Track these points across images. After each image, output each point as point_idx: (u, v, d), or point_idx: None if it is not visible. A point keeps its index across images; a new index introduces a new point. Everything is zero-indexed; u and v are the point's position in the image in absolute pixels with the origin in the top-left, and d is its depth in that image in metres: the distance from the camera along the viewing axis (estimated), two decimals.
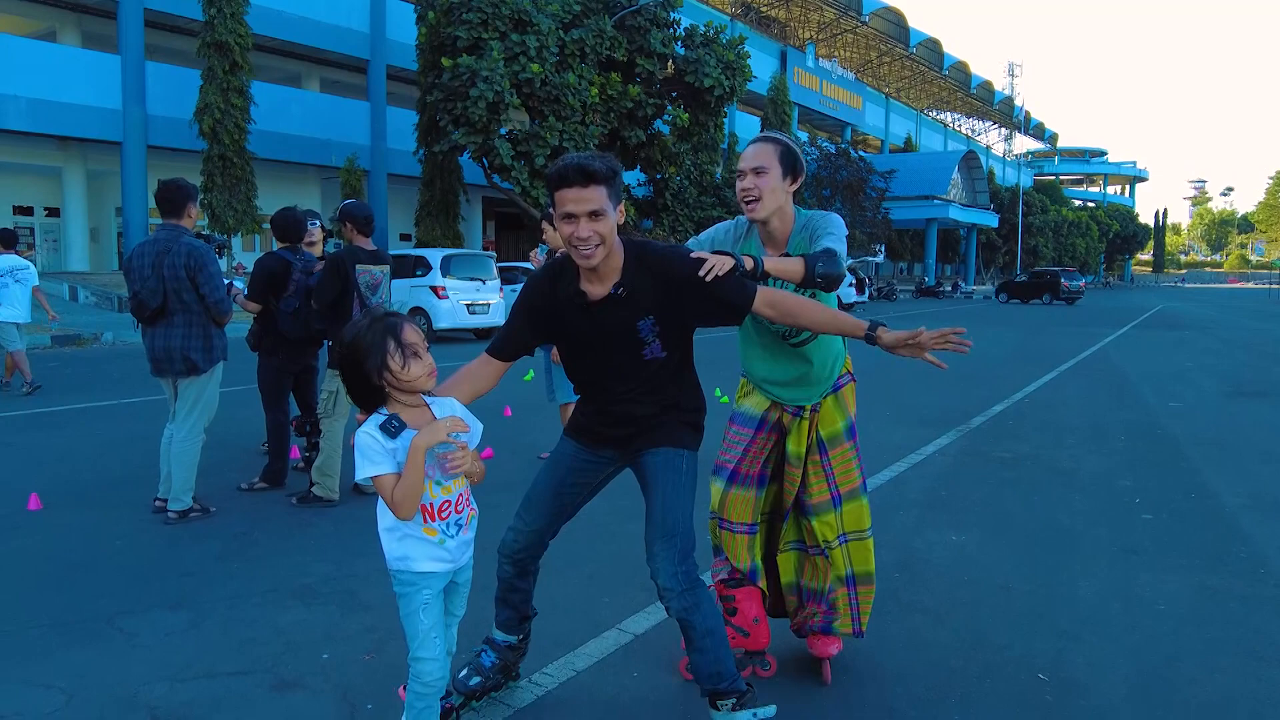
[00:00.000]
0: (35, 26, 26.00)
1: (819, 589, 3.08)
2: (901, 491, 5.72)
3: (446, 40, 23.08)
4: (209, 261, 4.79)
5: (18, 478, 5.77)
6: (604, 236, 2.41)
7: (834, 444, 3.04)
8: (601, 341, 2.57)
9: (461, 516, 2.34)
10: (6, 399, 9.14)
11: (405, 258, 17.30)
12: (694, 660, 2.53)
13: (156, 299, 4.77)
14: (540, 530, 2.79)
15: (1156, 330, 22.59)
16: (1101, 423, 8.45)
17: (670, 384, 2.65)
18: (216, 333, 4.94)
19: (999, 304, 40.90)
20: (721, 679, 2.51)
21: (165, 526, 4.78)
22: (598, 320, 2.55)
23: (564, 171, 2.38)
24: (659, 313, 2.53)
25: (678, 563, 2.49)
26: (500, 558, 2.83)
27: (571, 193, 2.37)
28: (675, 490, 2.58)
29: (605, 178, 2.38)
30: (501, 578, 2.85)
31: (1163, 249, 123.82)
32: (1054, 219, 69.69)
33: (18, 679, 3.01)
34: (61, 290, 21.82)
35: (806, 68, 50.80)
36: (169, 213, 4.85)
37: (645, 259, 2.54)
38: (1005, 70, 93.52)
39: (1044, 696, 2.99)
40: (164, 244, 4.76)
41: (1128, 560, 4.42)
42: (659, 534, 2.52)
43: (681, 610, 2.49)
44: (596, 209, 2.37)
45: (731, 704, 2.51)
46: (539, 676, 3.06)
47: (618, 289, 2.50)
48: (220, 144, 22.11)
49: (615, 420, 2.67)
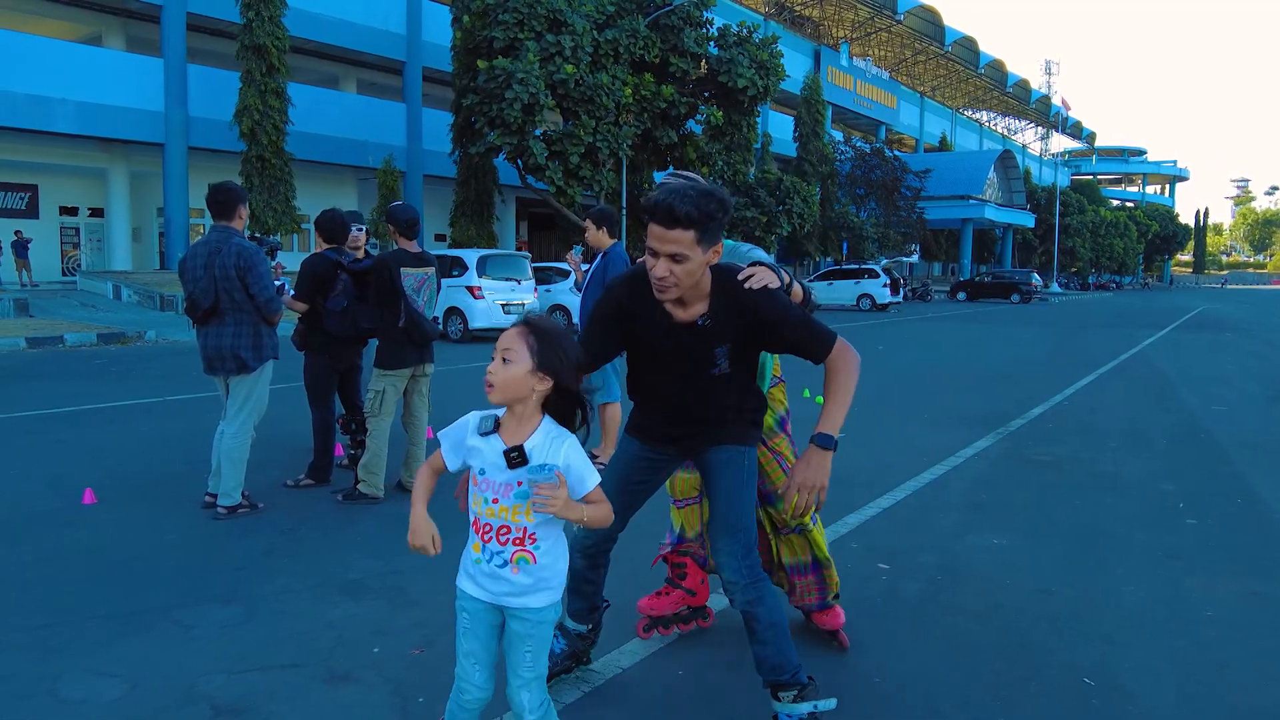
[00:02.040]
0: (82, 31, 26.57)
1: (804, 562, 3.32)
2: (941, 494, 5.70)
3: (482, 42, 23.27)
4: (258, 262, 4.89)
5: (72, 473, 5.92)
6: (680, 279, 2.40)
7: (770, 435, 3.25)
8: (674, 357, 2.61)
9: (505, 552, 2.11)
10: (56, 394, 9.37)
11: (442, 258, 17.44)
12: (757, 652, 2.62)
13: (208, 299, 4.88)
14: (611, 526, 2.85)
15: (1197, 332, 22.23)
16: (1142, 426, 8.35)
17: (733, 393, 2.69)
18: (266, 332, 5.03)
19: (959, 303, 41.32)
20: (784, 670, 2.60)
21: (215, 521, 4.88)
22: (676, 340, 2.57)
23: (654, 209, 2.36)
24: (735, 341, 2.56)
25: (741, 557, 2.58)
26: (572, 551, 2.88)
27: (657, 230, 2.36)
28: (738, 487, 2.65)
29: (693, 222, 2.32)
30: (573, 570, 2.88)
31: (1203, 249, 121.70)
32: (1091, 219, 68.74)
33: (83, 667, 3.11)
34: (105, 289, 22.27)
35: (840, 67, 50.54)
36: (220, 215, 4.95)
37: (732, 291, 2.53)
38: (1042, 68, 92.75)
39: (1090, 701, 2.98)
40: (215, 245, 4.87)
41: (1172, 565, 4.38)
42: (723, 529, 2.60)
43: (746, 603, 2.59)
44: (677, 253, 2.35)
45: (793, 695, 2.60)
46: (583, 672, 3.11)
47: (704, 320, 2.53)
48: (259, 145, 22.48)
49: (677, 423, 2.72)
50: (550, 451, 2.09)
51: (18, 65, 21.46)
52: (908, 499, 5.55)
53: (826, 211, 40.53)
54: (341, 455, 6.12)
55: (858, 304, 31.86)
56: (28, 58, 21.76)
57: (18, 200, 25.95)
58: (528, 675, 2.17)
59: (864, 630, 3.51)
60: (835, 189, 41.64)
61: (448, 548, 2.21)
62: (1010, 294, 42.22)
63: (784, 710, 2.62)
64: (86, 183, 26.67)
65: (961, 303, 41.51)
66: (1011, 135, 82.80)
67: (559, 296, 18.34)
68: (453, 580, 2.25)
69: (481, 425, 2.12)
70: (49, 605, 3.67)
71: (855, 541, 4.66)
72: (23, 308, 18.26)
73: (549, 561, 2.14)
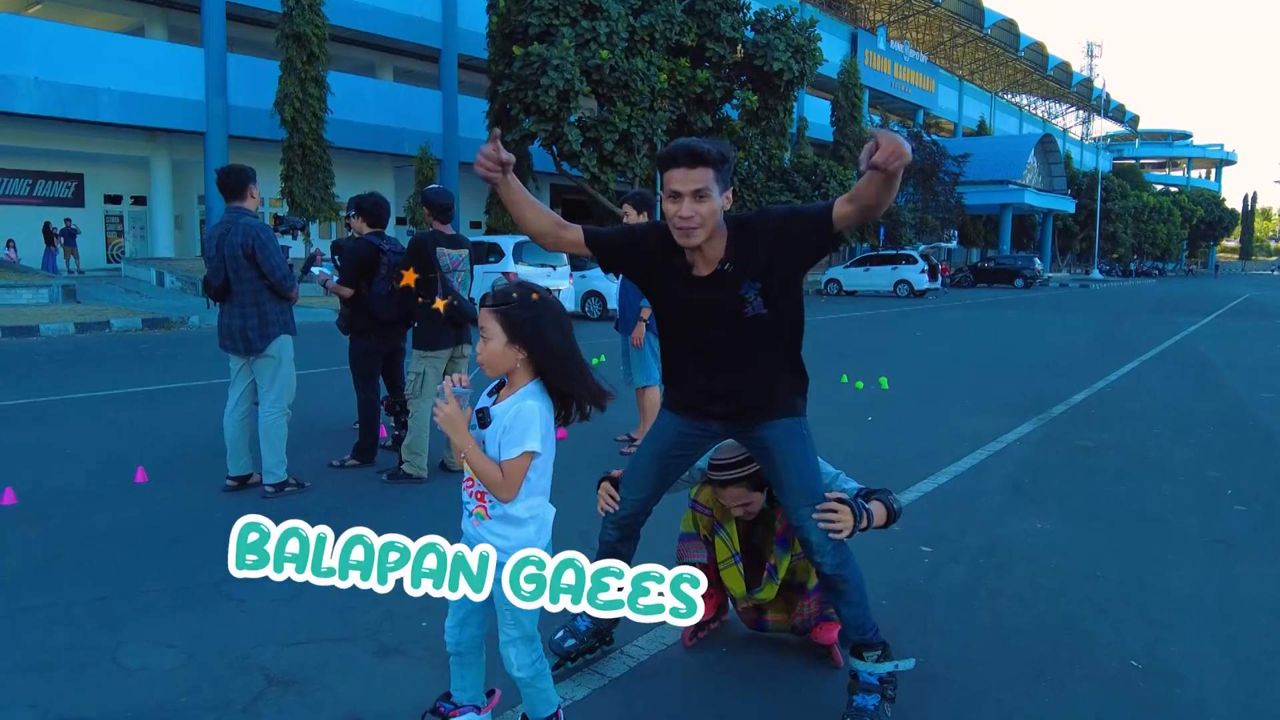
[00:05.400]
0: (125, 22, 27.03)
1: (811, 584, 3.06)
2: (984, 479, 5.66)
3: (517, 28, 23.30)
4: (267, 239, 4.94)
5: (124, 453, 6.06)
6: (705, 218, 2.44)
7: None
8: (703, 313, 2.60)
9: (469, 504, 2.33)
10: (105, 377, 9.58)
11: (479, 244, 17.57)
12: (845, 614, 2.70)
13: (218, 277, 4.99)
14: (646, 499, 2.89)
15: (1244, 319, 21.77)
16: (1188, 412, 8.22)
17: (775, 353, 2.65)
18: (274, 310, 5.04)
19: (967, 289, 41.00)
20: (866, 630, 2.71)
21: (263, 500, 4.98)
22: (701, 293, 2.58)
23: (674, 152, 2.44)
24: (764, 275, 2.54)
25: None
26: (605, 524, 2.94)
27: (679, 173, 2.43)
28: (805, 458, 2.68)
29: (714, 160, 2.42)
30: (605, 541, 2.94)
31: (1251, 235, 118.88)
32: (1134, 204, 67.40)
33: (142, 637, 3.20)
34: (149, 275, 22.69)
35: (878, 50, 49.94)
36: (231, 196, 5.01)
37: (748, 226, 2.55)
38: (1084, 50, 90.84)
39: (1137, 684, 2.96)
40: (226, 225, 4.96)
41: (1221, 552, 4.32)
42: (802, 501, 2.64)
43: (835, 566, 2.65)
44: (701, 189, 2.41)
45: (877, 655, 2.69)
46: (630, 649, 3.14)
47: (724, 265, 2.54)
48: (300, 133, 22.71)
49: (718, 396, 2.70)
50: (508, 410, 2.22)
51: (64, 57, 21.87)
52: (950, 483, 5.52)
53: None
54: (386, 436, 6.20)
55: (895, 290, 31.57)
56: (74, 49, 22.17)
57: (64, 189, 26.49)
58: (513, 633, 2.30)
59: (907, 612, 3.50)
60: None
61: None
62: (1014, 279, 41.90)
63: (866, 669, 2.68)
64: (130, 171, 27.15)
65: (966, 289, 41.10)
66: (1052, 119, 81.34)
67: (593, 282, 18.39)
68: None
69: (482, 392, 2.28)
70: (106, 579, 3.78)
71: (897, 525, 4.62)
72: (70, 294, 18.67)
73: (510, 528, 2.27)
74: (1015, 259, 44.83)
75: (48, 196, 26.13)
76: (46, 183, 26.13)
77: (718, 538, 3.06)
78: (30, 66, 21.33)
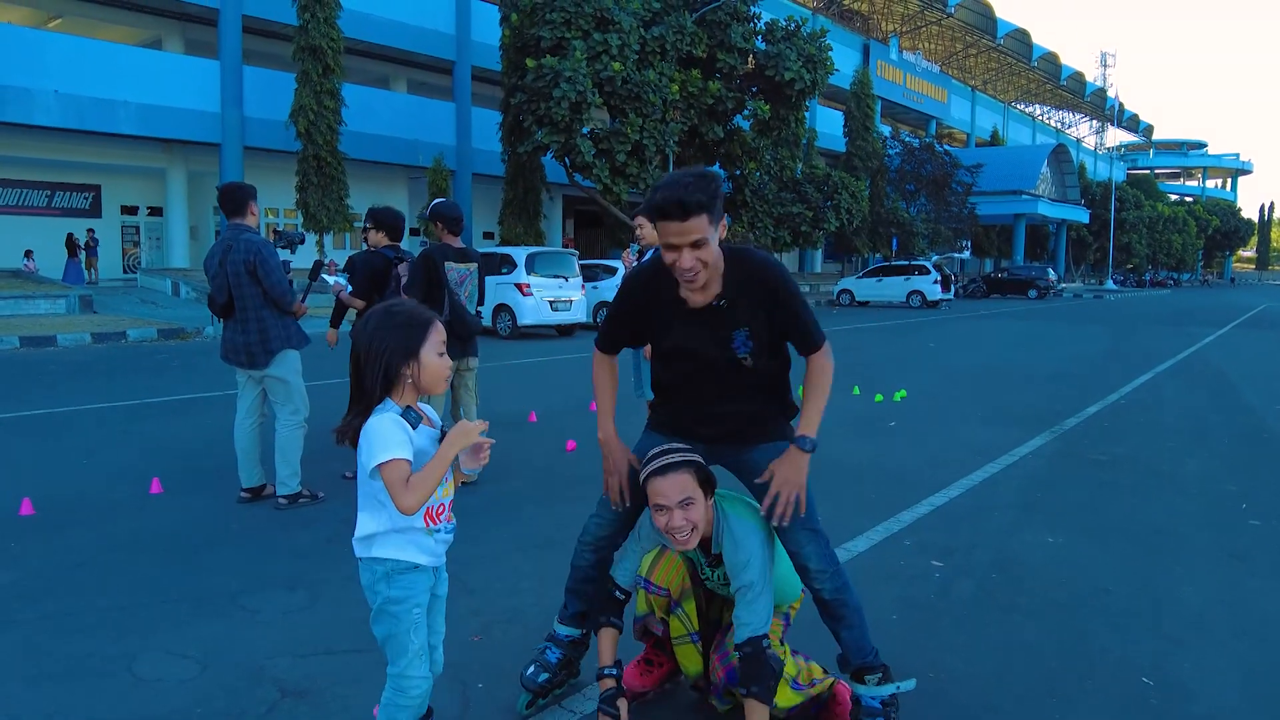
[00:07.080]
0: (143, 35, 27.30)
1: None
2: (995, 492, 5.65)
3: (530, 40, 23.43)
4: (268, 255, 4.98)
5: (139, 463, 6.12)
6: (707, 262, 2.45)
7: None
8: (697, 345, 2.62)
9: (452, 525, 2.30)
10: (121, 387, 9.66)
11: (491, 255, 17.62)
12: (845, 638, 2.68)
13: (222, 294, 5.04)
14: (624, 519, 2.79)
15: (1260, 331, 21.62)
16: (1203, 425, 8.17)
17: (762, 388, 2.69)
18: (275, 325, 5.06)
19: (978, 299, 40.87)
20: (867, 653, 2.68)
21: (276, 511, 5.02)
22: (695, 325, 2.60)
23: (664, 207, 2.39)
24: (754, 325, 2.57)
25: (825, 546, 2.64)
26: (580, 546, 2.85)
27: (673, 225, 2.39)
28: None
29: (705, 206, 2.38)
30: (578, 566, 2.86)
31: (1267, 245, 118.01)
32: (1148, 214, 67.12)
33: (158, 647, 3.24)
34: (165, 286, 22.87)
35: (890, 60, 49.98)
36: (232, 212, 5.07)
37: (746, 267, 2.57)
38: (1097, 60, 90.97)
39: (1149, 700, 2.95)
40: (227, 242, 5.02)
41: (1234, 566, 4.30)
42: (801, 526, 2.61)
43: (834, 590, 2.64)
44: (698, 239, 2.40)
45: (878, 678, 2.67)
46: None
47: (720, 300, 2.56)
48: (314, 144, 22.87)
49: (706, 420, 2.71)
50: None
51: (84, 70, 22.11)
52: (961, 497, 5.51)
53: (876, 207, 40.11)
54: None
55: (908, 301, 31.51)
56: (93, 63, 22.41)
57: (82, 200, 26.75)
58: (441, 631, 2.39)
59: (918, 627, 3.50)
60: (885, 184, 41.20)
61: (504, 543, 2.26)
62: (1027, 290, 41.70)
63: (868, 693, 2.66)
64: (146, 182, 27.38)
65: (979, 299, 40.97)
66: (1065, 129, 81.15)
67: (605, 294, 18.41)
68: (511, 570, 2.30)
69: (409, 420, 2.20)
70: (122, 588, 3.82)
71: (908, 539, 4.64)
72: (87, 304, 18.84)
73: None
74: (1029, 269, 44.70)
75: (66, 207, 26.39)
76: (65, 194, 26.39)
77: (674, 616, 2.82)
78: (50, 80, 21.57)
